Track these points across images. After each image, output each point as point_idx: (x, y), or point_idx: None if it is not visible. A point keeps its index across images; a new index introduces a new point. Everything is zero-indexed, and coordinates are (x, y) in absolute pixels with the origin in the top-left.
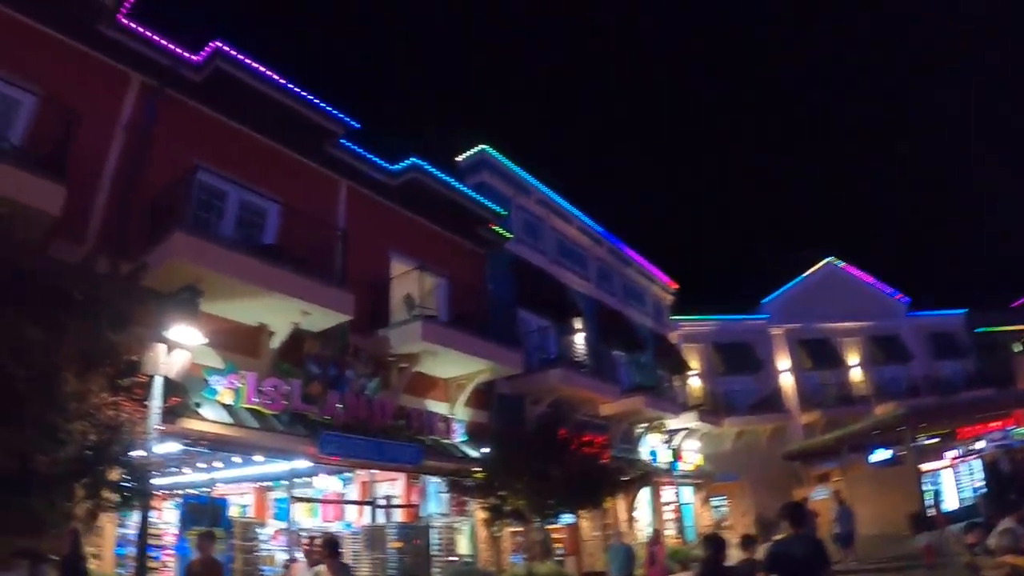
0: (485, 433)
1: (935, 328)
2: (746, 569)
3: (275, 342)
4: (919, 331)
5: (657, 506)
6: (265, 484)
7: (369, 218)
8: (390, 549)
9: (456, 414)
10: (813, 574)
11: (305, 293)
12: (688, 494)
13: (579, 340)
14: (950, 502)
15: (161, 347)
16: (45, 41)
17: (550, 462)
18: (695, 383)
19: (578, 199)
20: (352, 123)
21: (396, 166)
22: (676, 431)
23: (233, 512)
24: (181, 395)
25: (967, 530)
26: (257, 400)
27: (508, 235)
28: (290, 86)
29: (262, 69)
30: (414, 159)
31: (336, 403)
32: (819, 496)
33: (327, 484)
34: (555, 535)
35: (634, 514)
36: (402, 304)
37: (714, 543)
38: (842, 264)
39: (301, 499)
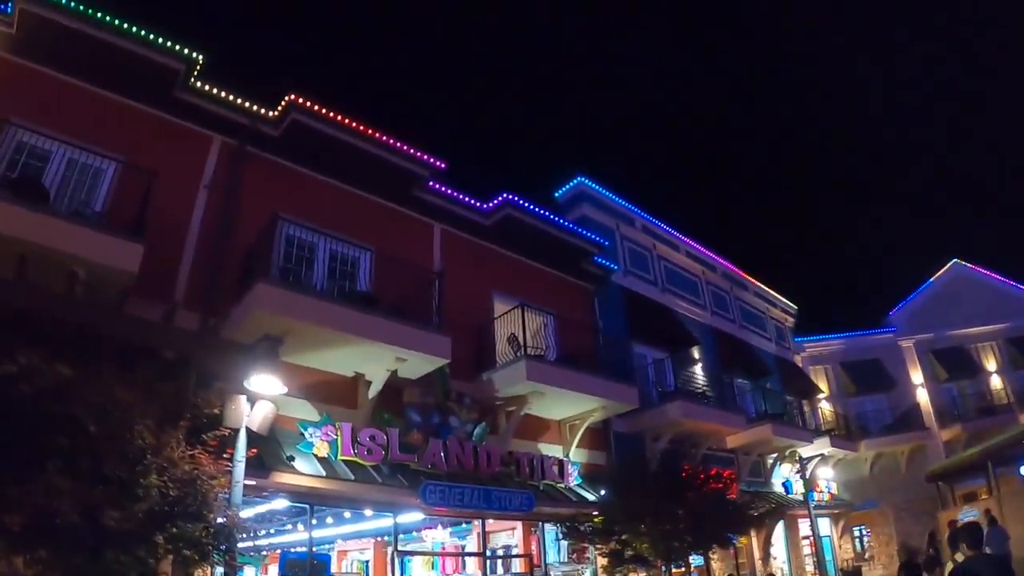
0: (602, 475)
1: None
2: None
3: (372, 391)
4: None
5: (794, 540)
6: (385, 538)
7: (466, 260)
8: None
9: (570, 456)
10: None
11: (397, 338)
12: (826, 526)
13: (698, 371)
14: None
15: (242, 399)
16: (123, 110)
17: (673, 501)
18: (825, 407)
19: (685, 226)
20: (438, 164)
21: (488, 205)
22: (809, 459)
23: (344, 568)
24: (263, 448)
25: None
26: (354, 451)
27: (612, 267)
28: (369, 131)
29: (338, 117)
30: (506, 195)
31: (437, 451)
32: (967, 517)
33: (438, 536)
34: None
35: (770, 550)
36: (507, 346)
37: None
38: (969, 265)
39: (406, 552)
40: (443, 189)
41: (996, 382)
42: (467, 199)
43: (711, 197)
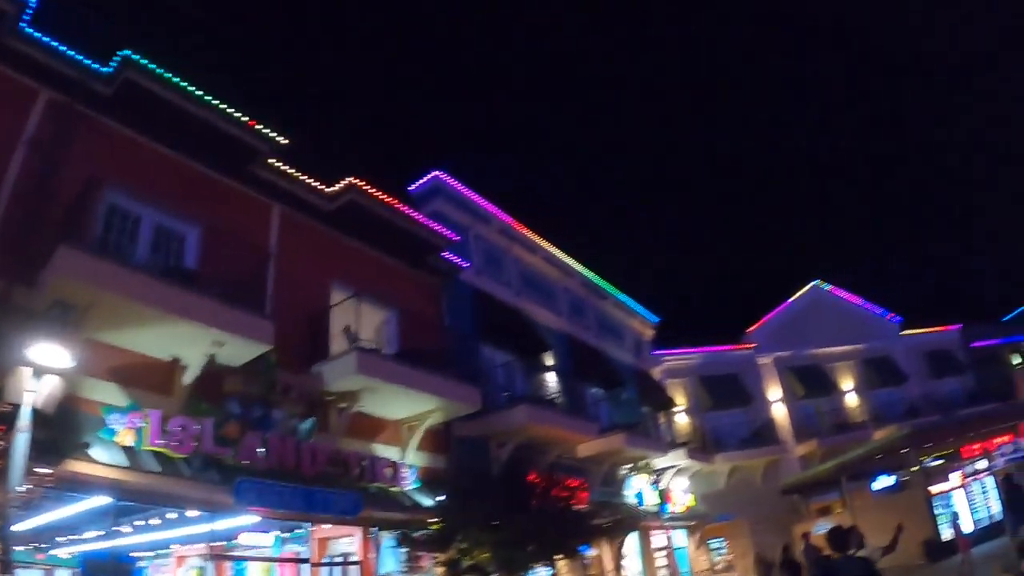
0: (442, 480)
1: (930, 346)
2: None
3: (188, 377)
4: (913, 350)
5: (648, 552)
6: (222, 543)
7: (305, 245)
8: None
9: (407, 459)
10: None
11: (214, 319)
12: (681, 537)
13: (550, 377)
14: (966, 524)
15: (27, 371)
16: None
17: (515, 509)
18: (682, 420)
19: (546, 231)
20: (280, 139)
21: (333, 189)
22: (663, 470)
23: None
24: (58, 433)
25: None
26: (162, 441)
27: (463, 264)
28: (208, 98)
29: (176, 80)
30: (352, 180)
31: (257, 446)
32: (821, 530)
33: (259, 541)
34: None
35: (622, 562)
36: (343, 338)
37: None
38: (829, 287)
39: (229, 556)
40: (285, 168)
41: (851, 400)
42: (310, 181)
43: (578, 205)
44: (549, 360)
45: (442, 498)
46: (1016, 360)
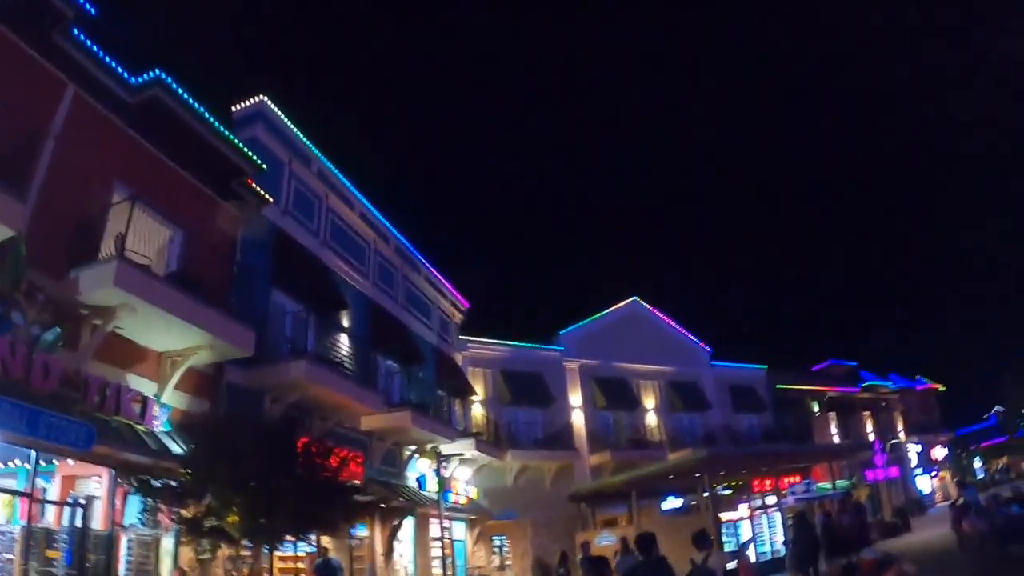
0: (198, 426)
1: (735, 380)
2: None
3: None
4: (719, 382)
5: (423, 540)
6: None
7: (97, 137)
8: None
9: (163, 397)
10: None
11: None
12: (461, 530)
13: (344, 340)
14: (751, 555)
15: None
16: None
17: (277, 473)
18: (478, 410)
19: (370, 190)
20: (87, 7)
21: (139, 78)
22: (448, 457)
23: None
24: None
25: None
26: None
27: (268, 198)
28: None
29: None
30: (160, 73)
31: None
32: (604, 542)
33: None
34: (287, 565)
35: (394, 547)
36: (112, 247)
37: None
38: (647, 305)
39: None
40: (87, 43)
41: (651, 419)
42: (114, 64)
43: (407, 175)
44: (346, 322)
45: (194, 447)
46: (815, 408)
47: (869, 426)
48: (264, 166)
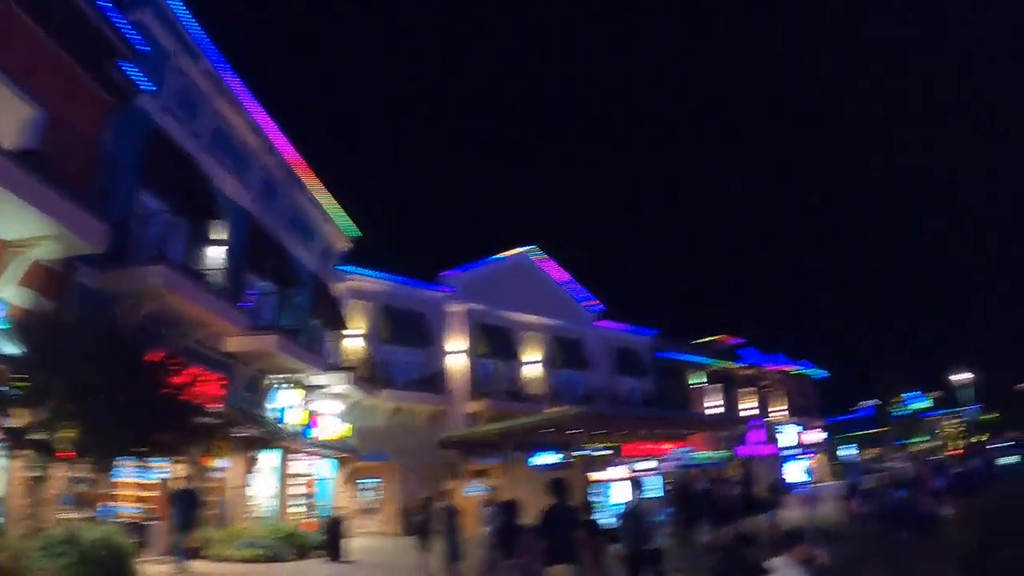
0: (37, 327)
1: (621, 343)
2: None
3: None
4: (605, 343)
5: (286, 475)
6: None
7: None
8: None
9: (2, 292)
10: (568, 531)
11: None
12: (329, 468)
13: (216, 253)
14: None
15: None
16: None
17: (121, 385)
18: (355, 345)
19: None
20: None
21: None
22: (316, 388)
23: None
24: None
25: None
26: None
27: (143, 86)
28: None
29: None
30: None
31: None
32: (473, 492)
33: None
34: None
35: (252, 480)
36: None
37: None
38: (540, 256)
39: None
40: None
41: (533, 372)
42: None
43: (310, 87)
44: (221, 234)
45: (30, 350)
46: (699, 379)
47: (751, 403)
48: (142, 51)
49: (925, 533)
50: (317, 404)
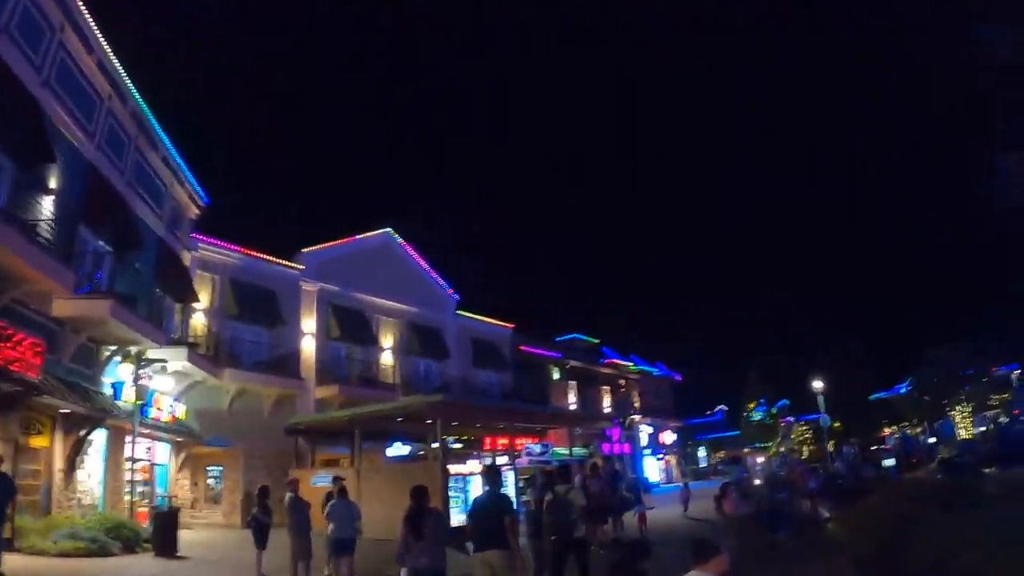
0: None
1: (479, 335)
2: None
3: None
4: (463, 333)
5: (116, 459)
6: None
7: None
8: None
9: None
10: (499, 518)
11: None
12: (165, 453)
13: (48, 203)
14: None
15: None
16: None
17: None
18: (200, 320)
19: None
20: None
21: None
22: (150, 362)
23: None
24: None
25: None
26: None
27: None
28: None
29: None
30: None
31: None
32: (321, 482)
33: None
34: None
35: (78, 463)
36: None
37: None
38: (399, 239)
39: None
40: None
41: (387, 358)
42: None
43: (168, 37)
44: (54, 182)
45: None
46: (556, 375)
47: (607, 401)
48: None
49: (800, 534)
50: (155, 382)
